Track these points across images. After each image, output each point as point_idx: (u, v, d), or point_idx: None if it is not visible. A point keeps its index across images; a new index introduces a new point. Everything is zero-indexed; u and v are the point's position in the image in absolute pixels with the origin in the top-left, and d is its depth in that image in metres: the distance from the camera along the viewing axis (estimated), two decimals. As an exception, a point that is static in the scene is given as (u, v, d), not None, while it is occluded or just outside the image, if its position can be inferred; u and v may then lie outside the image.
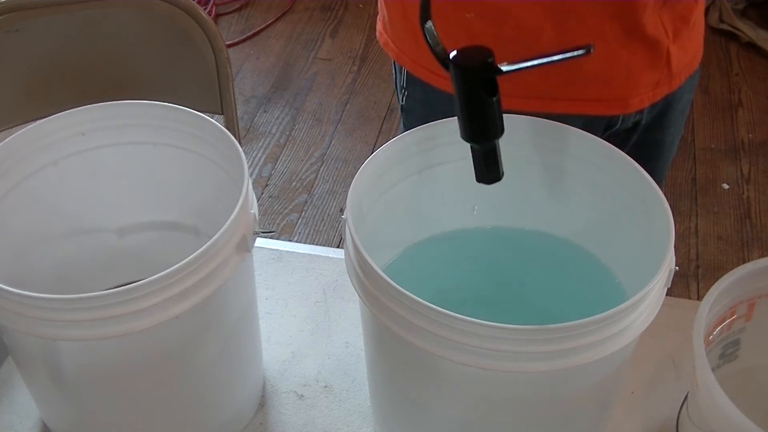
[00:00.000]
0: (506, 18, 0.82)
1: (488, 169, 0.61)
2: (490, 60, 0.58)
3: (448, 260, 0.76)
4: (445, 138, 0.71)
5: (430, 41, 0.61)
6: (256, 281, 0.72)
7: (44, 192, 0.72)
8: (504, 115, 0.70)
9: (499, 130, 0.60)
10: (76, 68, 1.20)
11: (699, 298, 1.24)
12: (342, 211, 0.65)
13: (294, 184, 2.08)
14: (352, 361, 0.79)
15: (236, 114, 1.21)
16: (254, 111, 2.34)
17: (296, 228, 1.96)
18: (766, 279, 0.65)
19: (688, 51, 0.92)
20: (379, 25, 0.95)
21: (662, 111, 0.93)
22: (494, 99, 0.59)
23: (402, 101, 0.98)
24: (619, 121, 0.90)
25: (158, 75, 1.21)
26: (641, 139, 0.94)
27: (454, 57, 0.59)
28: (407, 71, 0.93)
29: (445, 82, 0.89)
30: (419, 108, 0.95)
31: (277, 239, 0.90)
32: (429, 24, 0.61)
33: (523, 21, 0.82)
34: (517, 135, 0.71)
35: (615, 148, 0.68)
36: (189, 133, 0.72)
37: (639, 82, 0.88)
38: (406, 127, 1.02)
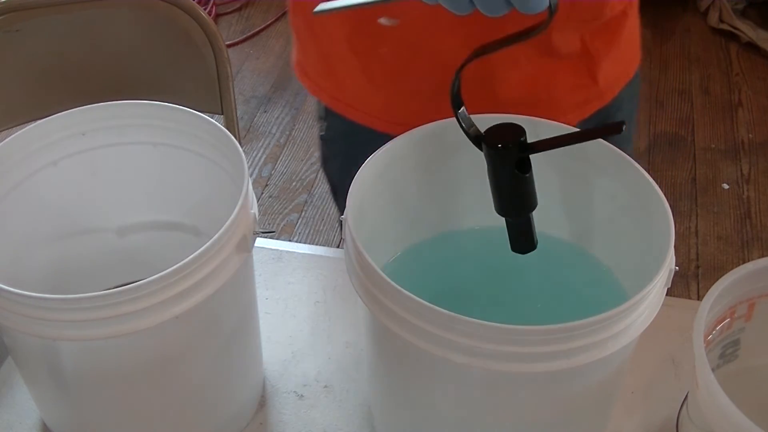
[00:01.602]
0: (420, 50, 0.82)
1: (524, 239, 0.62)
2: (522, 139, 0.59)
3: (448, 260, 0.76)
4: (447, 137, 0.71)
5: (463, 125, 0.62)
6: (256, 281, 0.72)
7: (44, 192, 0.72)
8: (503, 116, 0.70)
9: (534, 204, 0.62)
10: (76, 68, 1.20)
11: (699, 298, 1.24)
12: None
13: (294, 184, 2.08)
14: (352, 361, 0.79)
15: (236, 114, 1.21)
16: (254, 111, 2.34)
17: (296, 228, 1.96)
18: (766, 279, 0.65)
19: (620, 63, 0.91)
20: (294, 57, 0.94)
21: (600, 123, 0.92)
22: (528, 175, 0.60)
23: (321, 131, 0.97)
24: None
25: (158, 75, 1.21)
26: None
27: (487, 138, 0.60)
28: (325, 104, 0.92)
29: (364, 116, 0.89)
30: (339, 139, 0.94)
31: (277, 239, 0.90)
32: (462, 110, 0.63)
33: (437, 52, 0.81)
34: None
35: (615, 148, 0.68)
36: (189, 133, 0.72)
37: (564, 102, 0.87)
38: (326, 157, 1.02)
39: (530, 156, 0.67)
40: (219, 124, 0.70)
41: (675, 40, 2.68)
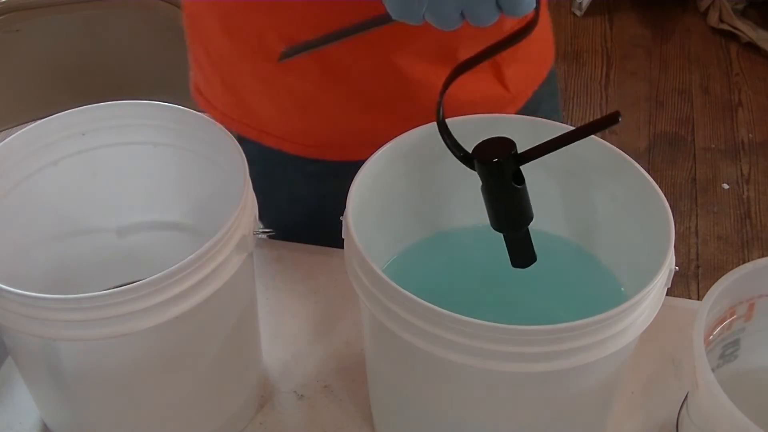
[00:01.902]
0: (329, 78, 0.81)
1: (522, 253, 0.62)
2: (514, 152, 0.59)
3: (448, 260, 0.76)
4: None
5: (451, 149, 0.62)
6: (256, 281, 0.72)
7: (44, 192, 0.72)
8: (503, 116, 0.70)
9: (531, 216, 0.61)
10: (76, 68, 1.21)
11: (699, 298, 1.24)
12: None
13: (294, 184, 2.08)
14: (352, 361, 0.79)
15: (236, 114, 1.21)
16: (254, 111, 2.34)
17: (296, 228, 1.96)
18: (766, 279, 0.65)
19: (529, 66, 0.91)
20: (192, 84, 0.92)
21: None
22: (522, 187, 0.60)
23: None
24: None
25: (158, 75, 1.22)
26: None
27: (479, 156, 0.59)
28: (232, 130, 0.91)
29: (279, 141, 0.88)
30: (256, 163, 0.96)
31: (277, 239, 0.90)
32: (446, 137, 0.62)
33: (346, 77, 0.81)
34: (516, 136, 0.71)
35: (615, 147, 0.68)
36: (189, 133, 0.72)
37: (478, 112, 0.87)
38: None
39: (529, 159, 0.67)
40: (219, 124, 0.70)
41: (675, 40, 2.69)
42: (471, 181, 0.72)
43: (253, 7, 0.78)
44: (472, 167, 0.61)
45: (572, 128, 0.69)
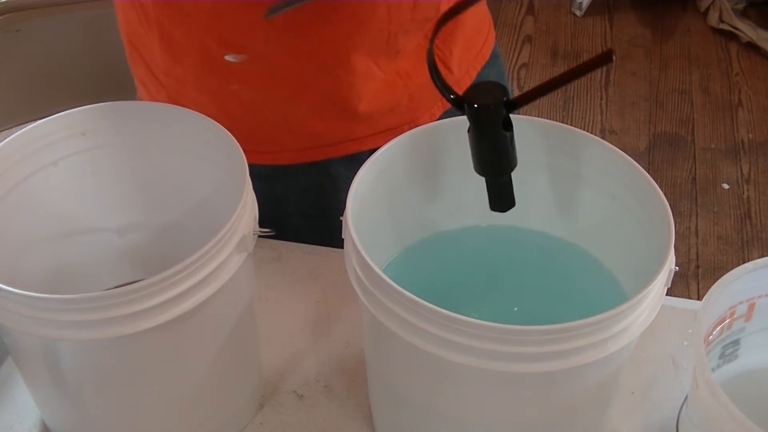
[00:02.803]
0: (274, 80, 0.82)
1: (503, 199, 0.63)
2: (505, 97, 0.59)
3: (447, 260, 0.76)
4: (446, 137, 0.71)
5: (444, 93, 0.62)
6: (256, 281, 0.72)
7: (44, 192, 0.72)
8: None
9: (515, 163, 0.62)
10: (76, 68, 1.21)
11: (699, 298, 1.24)
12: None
13: (294, 184, 2.08)
14: (352, 361, 0.79)
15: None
16: (254, 111, 2.34)
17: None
18: (766, 279, 0.65)
19: (471, 48, 0.92)
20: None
21: None
22: (509, 133, 0.60)
23: None
24: None
25: (158, 75, 1.21)
26: None
27: (470, 99, 0.60)
28: None
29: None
30: None
31: (277, 239, 0.90)
32: (438, 82, 0.62)
33: (291, 80, 0.82)
34: (517, 135, 0.71)
35: (615, 147, 0.68)
36: (189, 133, 0.72)
37: (424, 98, 0.88)
38: None
39: (530, 156, 0.67)
40: (219, 124, 0.70)
41: (675, 40, 2.69)
42: (471, 180, 0.72)
43: (191, 18, 0.79)
44: (462, 111, 0.61)
45: (576, 130, 0.70)
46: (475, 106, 0.60)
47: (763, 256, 0.65)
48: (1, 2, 1.13)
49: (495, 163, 0.62)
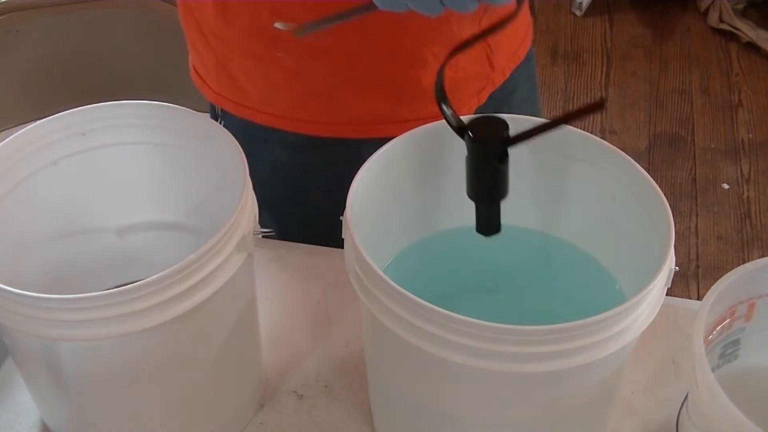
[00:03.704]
0: (319, 53, 0.83)
1: (490, 224, 0.64)
2: (505, 134, 0.61)
3: (447, 260, 0.76)
4: (445, 137, 0.71)
5: (448, 119, 0.64)
6: (256, 281, 0.72)
7: (44, 192, 0.72)
8: (504, 116, 0.70)
9: (506, 191, 0.63)
10: (76, 68, 1.21)
11: (699, 298, 1.24)
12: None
13: (294, 184, 2.08)
14: (352, 361, 0.79)
15: (236, 114, 1.21)
16: (254, 111, 2.34)
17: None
18: (766, 279, 0.65)
19: (510, 46, 0.93)
20: (192, 65, 0.94)
21: (496, 109, 0.92)
22: (504, 167, 0.62)
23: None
24: None
25: (158, 75, 1.22)
26: None
27: (471, 131, 0.61)
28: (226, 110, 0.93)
29: (268, 117, 0.92)
30: (237, 134, 0.98)
31: (277, 239, 0.90)
32: (444, 107, 0.64)
33: (337, 53, 0.83)
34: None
35: (615, 147, 0.68)
36: (189, 133, 0.72)
37: (465, 92, 0.89)
38: None
39: (530, 156, 0.67)
40: (219, 124, 0.70)
41: (675, 40, 2.69)
42: (471, 181, 0.72)
43: None
44: (463, 138, 0.63)
45: (577, 130, 0.70)
46: (474, 139, 0.61)
47: (763, 256, 0.65)
48: (1, 2, 1.13)
49: (486, 192, 0.64)
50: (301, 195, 0.93)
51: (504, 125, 0.61)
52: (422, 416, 0.66)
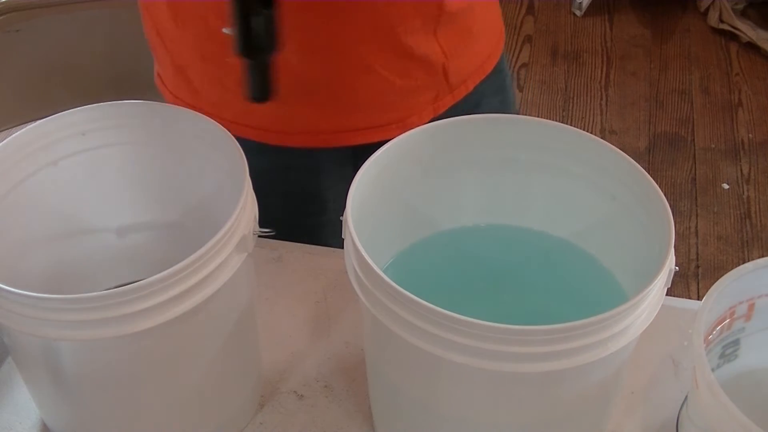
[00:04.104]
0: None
1: (262, 84, 0.60)
2: None
3: (447, 260, 0.76)
4: (445, 137, 0.71)
5: None
6: (256, 281, 0.72)
7: (44, 192, 0.72)
8: (505, 116, 0.70)
9: (274, 44, 0.59)
10: (76, 68, 1.21)
11: (699, 298, 1.24)
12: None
13: (294, 184, 2.08)
14: (352, 361, 0.79)
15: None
16: (254, 111, 2.34)
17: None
18: (766, 279, 0.65)
19: (473, 58, 0.92)
20: (156, 70, 0.95)
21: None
22: (269, 12, 0.58)
23: None
24: None
25: (158, 75, 1.21)
26: None
27: None
28: None
29: (221, 122, 0.91)
30: None
31: (277, 239, 0.90)
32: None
33: (283, 63, 0.82)
34: (517, 136, 0.71)
35: (615, 147, 0.68)
36: (189, 133, 0.72)
37: (416, 101, 0.89)
38: None
39: (530, 156, 0.67)
40: (218, 124, 0.70)
41: (675, 40, 2.69)
42: (471, 180, 0.72)
43: None
44: None
45: (576, 130, 0.70)
46: None
47: (763, 256, 0.65)
48: (1, 2, 1.13)
49: (250, 40, 0.59)
50: (261, 200, 0.93)
51: None
52: (422, 416, 0.66)
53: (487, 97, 0.96)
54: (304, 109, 0.87)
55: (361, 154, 0.90)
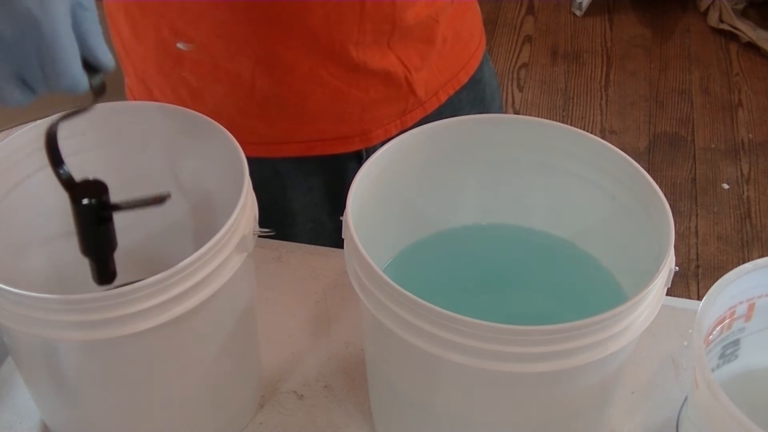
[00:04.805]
0: (220, 75, 0.84)
1: (104, 274, 0.66)
2: (105, 198, 0.63)
3: (447, 260, 0.76)
4: (445, 137, 0.71)
5: (58, 176, 0.64)
6: (256, 281, 0.72)
7: (44, 192, 0.72)
8: (505, 116, 0.71)
9: (113, 247, 0.66)
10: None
11: (699, 298, 1.25)
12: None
13: (294, 184, 2.08)
14: (352, 361, 0.79)
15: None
16: (254, 111, 2.34)
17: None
18: (766, 279, 0.65)
19: (443, 71, 0.91)
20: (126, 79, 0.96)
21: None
22: (103, 227, 0.64)
23: None
24: (365, 155, 0.90)
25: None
26: None
27: (73, 191, 0.63)
28: None
29: None
30: None
31: (277, 239, 0.90)
32: (63, 169, 0.64)
33: (233, 73, 0.83)
34: (517, 135, 0.71)
35: (615, 147, 0.68)
36: (189, 133, 0.72)
37: (379, 114, 0.88)
38: None
39: (530, 156, 0.67)
40: (218, 124, 0.70)
41: (675, 40, 2.69)
42: (471, 180, 0.72)
43: (146, 3, 0.82)
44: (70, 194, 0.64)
45: (576, 130, 0.70)
46: (74, 200, 0.63)
47: (763, 256, 0.65)
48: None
49: (91, 248, 0.65)
50: None
51: (105, 189, 0.63)
52: (422, 416, 0.66)
53: (463, 109, 0.94)
54: (258, 121, 0.87)
55: (327, 166, 0.90)
